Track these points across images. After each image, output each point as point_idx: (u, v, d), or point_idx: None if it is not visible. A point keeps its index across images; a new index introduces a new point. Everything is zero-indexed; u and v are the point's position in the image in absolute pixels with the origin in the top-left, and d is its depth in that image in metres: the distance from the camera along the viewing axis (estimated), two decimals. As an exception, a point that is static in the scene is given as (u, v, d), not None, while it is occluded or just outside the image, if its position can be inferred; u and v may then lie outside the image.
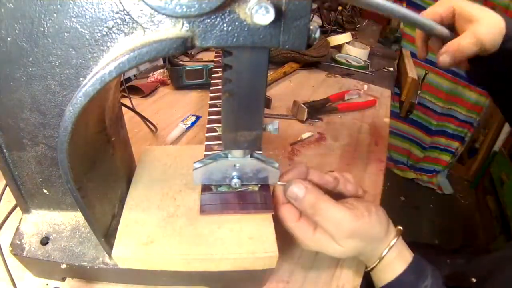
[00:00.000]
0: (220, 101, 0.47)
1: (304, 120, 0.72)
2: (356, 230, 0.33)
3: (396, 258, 0.36)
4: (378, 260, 0.36)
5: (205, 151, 0.38)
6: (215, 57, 0.65)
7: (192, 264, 0.33)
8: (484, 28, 0.38)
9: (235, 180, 0.35)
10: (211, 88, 0.51)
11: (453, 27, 0.41)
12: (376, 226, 0.35)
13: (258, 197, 0.37)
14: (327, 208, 0.33)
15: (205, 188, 0.38)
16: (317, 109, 0.75)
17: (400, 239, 0.36)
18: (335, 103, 0.80)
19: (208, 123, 0.43)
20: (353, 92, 0.87)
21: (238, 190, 0.37)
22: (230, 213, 0.36)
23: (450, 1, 0.41)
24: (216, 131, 0.41)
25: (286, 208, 0.36)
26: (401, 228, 0.37)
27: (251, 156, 0.35)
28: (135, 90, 0.76)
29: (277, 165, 0.36)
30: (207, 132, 0.41)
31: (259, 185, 0.38)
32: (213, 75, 0.56)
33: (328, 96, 0.80)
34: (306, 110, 0.71)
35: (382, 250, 0.35)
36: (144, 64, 0.85)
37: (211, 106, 0.46)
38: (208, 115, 0.45)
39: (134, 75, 0.84)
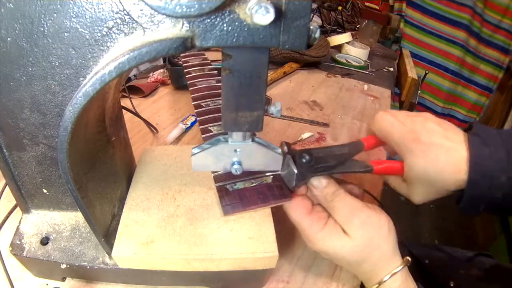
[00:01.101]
0: (204, 100, 0.47)
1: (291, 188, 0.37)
2: (369, 220, 0.33)
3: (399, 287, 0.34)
4: (377, 285, 0.34)
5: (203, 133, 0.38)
6: (183, 61, 0.64)
7: (192, 264, 0.33)
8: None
9: (236, 166, 0.34)
10: (190, 88, 0.51)
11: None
12: (385, 233, 0.34)
13: (274, 189, 0.37)
14: (346, 196, 0.35)
15: (221, 189, 0.37)
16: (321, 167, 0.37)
17: (406, 269, 0.34)
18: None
19: (200, 124, 0.44)
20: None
21: (254, 185, 0.38)
22: (252, 208, 0.36)
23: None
24: (212, 131, 0.42)
25: (298, 200, 0.36)
26: (409, 258, 0.35)
27: (253, 140, 0.33)
28: (135, 90, 0.76)
29: (279, 150, 0.35)
30: (202, 134, 0.42)
31: (271, 176, 0.38)
32: (187, 76, 0.55)
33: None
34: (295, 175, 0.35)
35: (382, 275, 0.34)
36: (144, 64, 0.85)
37: (197, 106, 0.47)
38: (198, 116, 0.45)
39: (134, 75, 0.84)
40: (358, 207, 0.34)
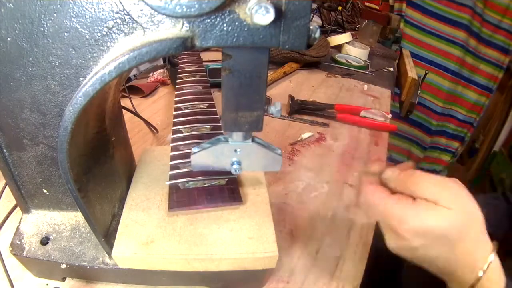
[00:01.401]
0: (185, 104, 0.50)
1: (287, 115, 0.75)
2: (460, 190, 0.30)
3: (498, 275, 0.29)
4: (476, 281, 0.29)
5: (171, 151, 0.41)
6: (180, 67, 0.66)
7: (192, 264, 0.33)
8: None
9: (236, 166, 0.34)
10: (176, 92, 0.53)
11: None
12: (476, 204, 0.30)
13: (225, 191, 0.38)
14: (424, 173, 0.32)
15: (173, 187, 0.38)
16: (309, 110, 0.76)
17: (497, 256, 0.30)
18: (339, 112, 0.75)
19: (173, 125, 0.45)
20: (375, 112, 0.76)
21: (206, 185, 0.39)
22: (198, 207, 0.36)
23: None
24: (182, 132, 0.44)
25: (374, 186, 0.33)
26: (496, 242, 0.31)
27: (253, 140, 0.33)
28: (135, 90, 0.76)
29: (279, 151, 0.34)
30: (172, 134, 0.44)
31: (226, 179, 0.39)
32: (177, 81, 0.58)
33: (334, 104, 0.77)
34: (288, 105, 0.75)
35: (477, 268, 0.29)
36: (144, 64, 0.85)
37: (176, 109, 0.48)
38: (174, 118, 0.47)
39: (134, 75, 0.84)
40: (443, 179, 0.31)
